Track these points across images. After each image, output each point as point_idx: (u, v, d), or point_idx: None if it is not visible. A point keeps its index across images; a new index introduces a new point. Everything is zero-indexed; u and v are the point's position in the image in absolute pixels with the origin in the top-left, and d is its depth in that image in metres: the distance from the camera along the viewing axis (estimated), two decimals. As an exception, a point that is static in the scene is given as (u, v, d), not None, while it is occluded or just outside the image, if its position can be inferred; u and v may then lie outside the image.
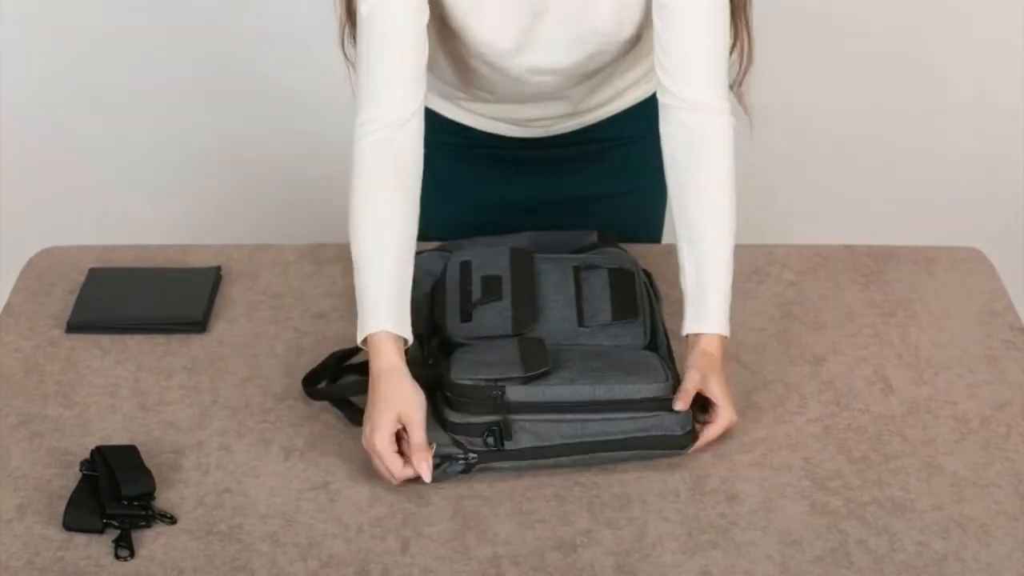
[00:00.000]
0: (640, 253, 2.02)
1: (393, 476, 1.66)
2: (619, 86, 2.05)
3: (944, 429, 1.79)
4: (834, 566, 1.59)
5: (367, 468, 1.71)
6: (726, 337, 1.77)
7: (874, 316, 1.99)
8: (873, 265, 2.10)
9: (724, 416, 1.73)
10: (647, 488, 1.69)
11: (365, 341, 1.71)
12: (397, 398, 1.66)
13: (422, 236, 2.02)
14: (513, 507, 1.66)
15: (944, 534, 1.63)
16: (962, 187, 3.25)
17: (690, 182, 1.81)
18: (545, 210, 2.13)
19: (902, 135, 3.23)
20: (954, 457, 1.75)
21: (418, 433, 1.66)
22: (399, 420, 1.66)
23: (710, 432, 1.73)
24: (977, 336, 1.95)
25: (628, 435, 1.70)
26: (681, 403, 1.70)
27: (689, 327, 1.78)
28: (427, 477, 1.65)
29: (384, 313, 1.71)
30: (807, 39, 3.11)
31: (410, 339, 1.72)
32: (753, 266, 2.08)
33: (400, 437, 1.67)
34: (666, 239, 2.22)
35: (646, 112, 1.99)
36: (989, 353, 1.92)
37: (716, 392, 1.73)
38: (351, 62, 1.89)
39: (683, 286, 1.79)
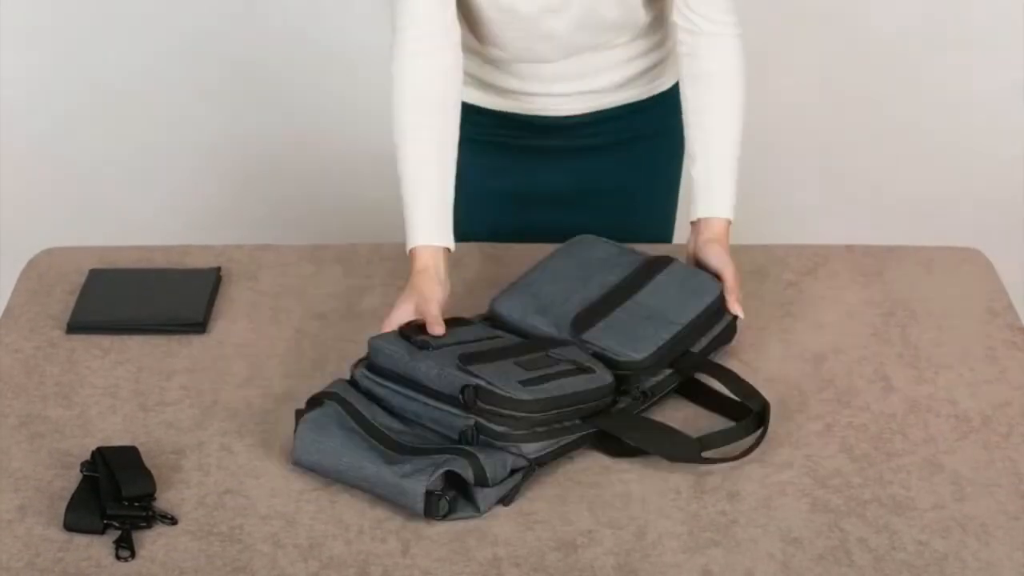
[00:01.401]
0: (647, 252, 2.02)
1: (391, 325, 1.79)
2: (632, 68, 2.05)
3: (945, 428, 1.79)
4: (835, 564, 1.59)
5: (368, 468, 1.71)
6: (731, 221, 1.94)
7: (874, 315, 1.99)
8: (873, 265, 2.10)
9: (730, 275, 1.89)
10: (648, 487, 1.69)
11: (411, 252, 1.86)
12: (421, 290, 1.82)
13: None
14: (513, 508, 1.66)
15: (944, 533, 1.63)
16: (962, 187, 3.26)
17: (708, 83, 1.95)
18: (558, 203, 2.13)
19: (902, 135, 3.24)
20: (955, 456, 1.75)
21: (432, 312, 1.78)
22: (416, 308, 1.80)
23: (735, 291, 1.88)
24: (977, 335, 1.95)
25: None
26: (739, 306, 1.88)
27: (700, 212, 1.93)
28: (440, 330, 1.76)
29: (426, 228, 1.87)
30: (807, 39, 3.12)
31: (452, 246, 1.89)
32: (753, 266, 2.08)
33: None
34: (677, 238, 2.22)
35: (661, 107, 1.99)
36: (990, 352, 1.92)
37: (727, 261, 1.90)
38: None
39: (692, 174, 1.94)
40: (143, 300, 1.99)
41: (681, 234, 2.23)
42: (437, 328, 1.76)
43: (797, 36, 3.09)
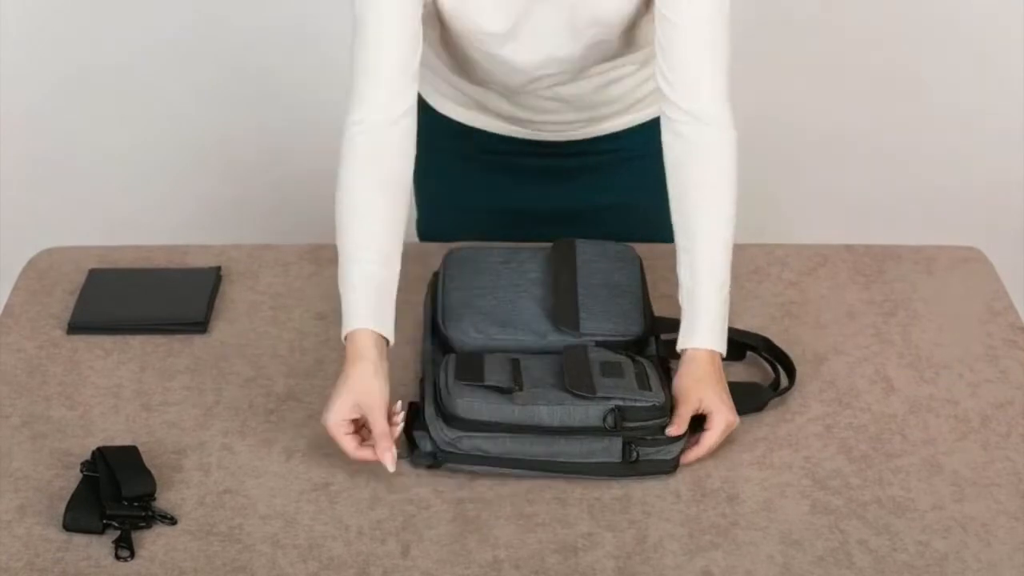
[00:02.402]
0: (643, 252, 2.02)
1: (351, 456, 1.68)
2: (633, 97, 2.05)
3: (945, 428, 1.79)
4: (835, 566, 1.59)
5: (369, 470, 1.71)
6: (719, 353, 1.76)
7: (875, 316, 1.99)
8: (873, 265, 2.10)
9: (719, 421, 1.72)
10: (648, 490, 1.69)
11: (347, 337, 1.72)
12: (359, 386, 1.68)
13: (438, 239, 2.04)
14: (514, 510, 1.66)
15: (945, 534, 1.63)
16: (962, 187, 3.25)
17: (689, 194, 1.80)
18: (556, 220, 2.14)
19: (902, 135, 3.23)
20: (955, 456, 1.75)
21: (379, 422, 1.67)
22: (357, 407, 1.67)
23: (708, 439, 1.72)
24: (978, 336, 1.95)
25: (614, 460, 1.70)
26: (675, 428, 1.70)
27: (682, 343, 1.77)
28: (391, 467, 1.66)
29: (364, 312, 1.72)
30: (807, 39, 3.11)
31: (391, 339, 1.73)
32: (753, 266, 2.08)
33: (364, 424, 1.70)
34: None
35: (654, 131, 1.98)
36: (990, 352, 1.92)
37: (710, 402, 1.72)
38: None
39: (680, 300, 1.79)
40: (143, 300, 1.99)
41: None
42: (388, 455, 1.65)
43: (797, 36, 3.09)
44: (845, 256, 2.12)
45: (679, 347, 1.78)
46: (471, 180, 2.13)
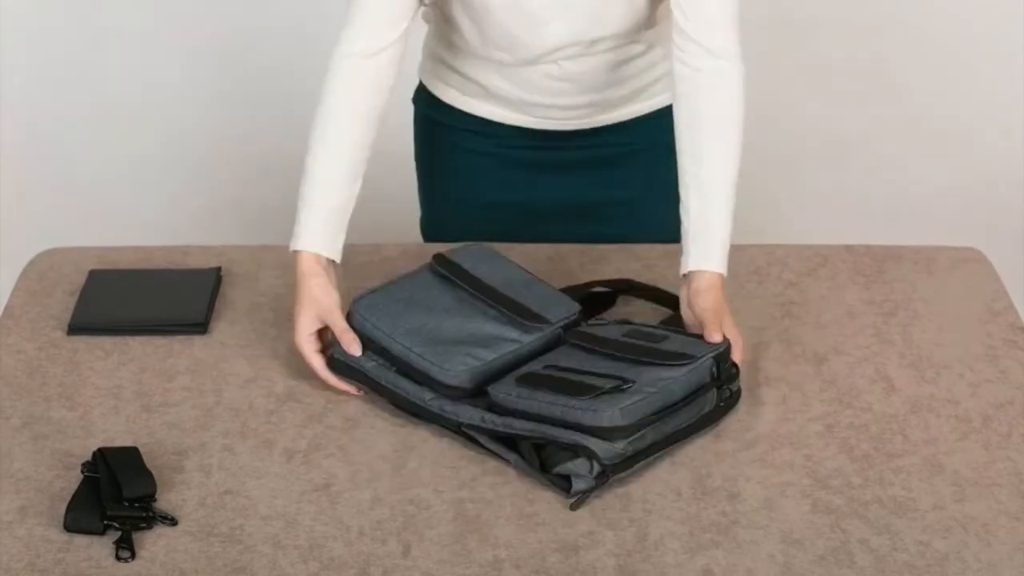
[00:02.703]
0: (644, 252, 2.02)
1: (316, 375, 1.82)
2: (641, 81, 2.05)
3: (946, 428, 1.79)
4: (836, 566, 1.59)
5: (369, 470, 1.71)
6: (724, 276, 1.84)
7: (875, 316, 1.99)
8: (873, 265, 2.10)
9: (739, 346, 1.81)
10: (648, 488, 1.69)
11: (296, 253, 1.86)
12: (314, 299, 1.83)
13: (441, 238, 2.04)
14: (514, 510, 1.66)
15: (946, 534, 1.63)
16: (962, 187, 3.26)
17: (701, 123, 1.88)
18: (567, 215, 2.14)
19: (902, 135, 3.24)
20: (956, 456, 1.75)
21: (338, 322, 1.83)
22: (318, 319, 1.83)
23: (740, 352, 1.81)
24: (978, 336, 1.95)
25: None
26: (719, 334, 1.77)
27: (694, 264, 1.83)
28: (357, 351, 1.81)
29: (317, 232, 1.86)
30: (807, 39, 3.12)
31: (338, 260, 1.88)
32: (753, 266, 2.08)
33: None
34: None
35: (667, 120, 1.99)
36: (990, 352, 1.92)
37: (728, 326, 1.80)
38: None
39: (684, 224, 1.86)
40: (144, 301, 1.99)
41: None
42: (353, 345, 1.81)
43: (797, 36, 3.09)
44: (845, 256, 2.12)
45: (690, 268, 1.83)
46: (477, 176, 2.13)
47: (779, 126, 3.16)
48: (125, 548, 1.59)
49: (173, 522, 1.64)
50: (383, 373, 1.80)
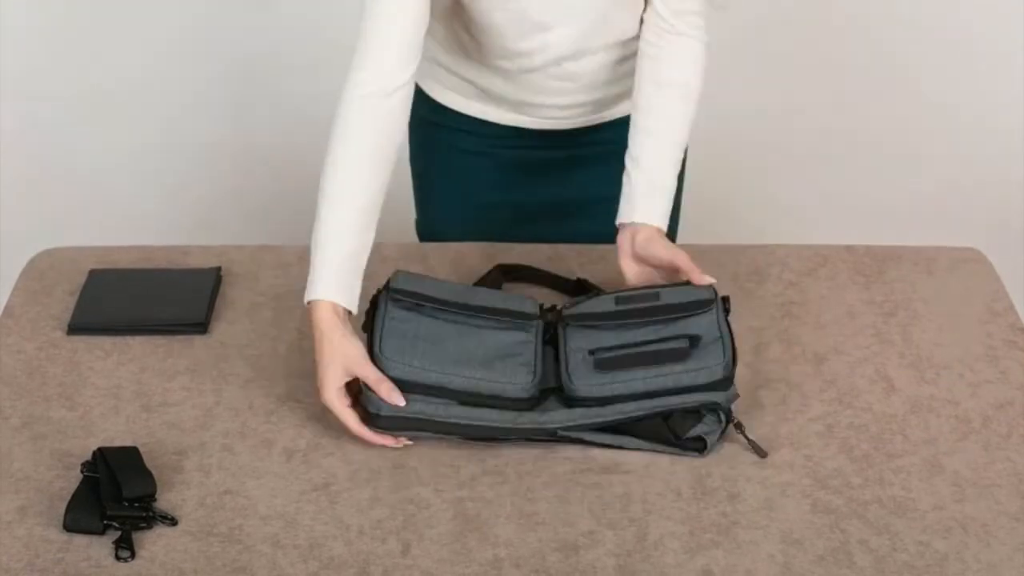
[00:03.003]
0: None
1: (351, 431, 1.73)
2: (631, 82, 2.05)
3: (946, 428, 1.79)
4: (835, 566, 1.59)
5: (368, 470, 1.71)
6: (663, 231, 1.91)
7: (875, 316, 1.99)
8: (873, 265, 2.10)
9: (683, 257, 1.86)
10: (648, 488, 1.69)
11: (309, 304, 1.77)
12: (339, 352, 1.74)
13: (439, 237, 2.03)
14: (514, 509, 1.66)
15: (945, 534, 1.63)
16: (962, 187, 3.26)
17: (661, 87, 1.92)
18: (561, 213, 2.14)
19: (902, 135, 3.24)
20: (955, 457, 1.74)
21: (370, 372, 1.73)
22: (346, 371, 1.74)
23: (694, 268, 1.85)
24: (978, 336, 1.95)
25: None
26: (708, 276, 1.83)
27: (640, 217, 1.90)
28: (401, 402, 1.72)
29: (333, 281, 1.77)
30: (807, 39, 3.12)
31: (354, 311, 1.78)
32: (753, 266, 2.08)
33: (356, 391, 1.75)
34: (681, 238, 2.22)
35: None
36: (990, 353, 1.92)
37: (685, 264, 1.86)
38: None
39: (633, 177, 1.91)
40: (144, 300, 1.99)
41: (684, 235, 2.23)
42: (395, 395, 1.72)
43: (797, 37, 3.09)
44: (845, 256, 2.12)
45: (636, 219, 1.90)
46: (471, 176, 2.13)
47: (779, 126, 3.17)
48: (125, 548, 1.60)
49: (173, 522, 1.64)
50: (445, 410, 1.74)
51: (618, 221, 1.92)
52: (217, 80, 3.17)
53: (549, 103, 2.04)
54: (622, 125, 2.08)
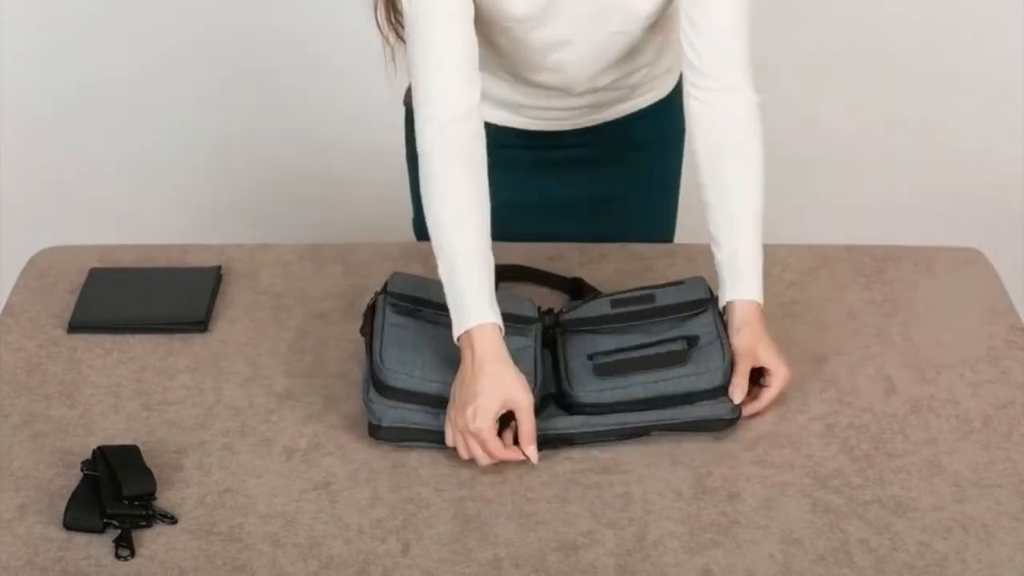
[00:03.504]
0: (643, 252, 2.01)
1: (489, 456, 1.69)
2: (635, 81, 2.05)
3: (946, 428, 1.79)
4: (835, 565, 1.59)
5: (369, 469, 1.71)
6: (761, 304, 1.81)
7: (876, 316, 1.99)
8: (874, 265, 2.10)
9: (779, 376, 1.78)
10: (648, 488, 1.69)
11: (464, 334, 1.70)
12: (505, 386, 1.68)
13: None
14: (514, 508, 1.66)
15: (946, 534, 1.63)
16: (962, 187, 3.26)
17: (723, 156, 1.83)
18: (565, 214, 2.14)
19: (902, 135, 3.24)
20: (956, 456, 1.74)
21: (527, 421, 1.69)
22: (505, 406, 1.68)
23: (768, 395, 1.78)
24: (979, 336, 1.95)
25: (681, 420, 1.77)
26: (739, 393, 1.76)
27: (729, 295, 1.81)
28: (535, 459, 1.70)
29: (487, 304, 1.72)
30: (808, 39, 3.11)
31: (503, 329, 1.73)
32: (754, 266, 2.08)
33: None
34: (678, 238, 2.22)
35: (662, 114, 1.98)
36: (991, 353, 1.92)
37: (766, 358, 1.78)
38: (384, 33, 1.92)
39: (717, 258, 1.83)
40: (144, 299, 1.99)
41: (681, 235, 2.23)
42: (532, 448, 1.69)
43: (797, 36, 3.09)
44: (845, 256, 2.12)
45: (727, 299, 1.82)
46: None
47: (779, 126, 3.14)
48: (124, 546, 1.60)
49: (173, 520, 1.64)
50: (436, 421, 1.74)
51: (720, 305, 1.85)
52: (218, 80, 3.17)
53: (548, 105, 2.04)
54: (618, 126, 2.09)
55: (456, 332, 1.72)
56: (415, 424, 1.73)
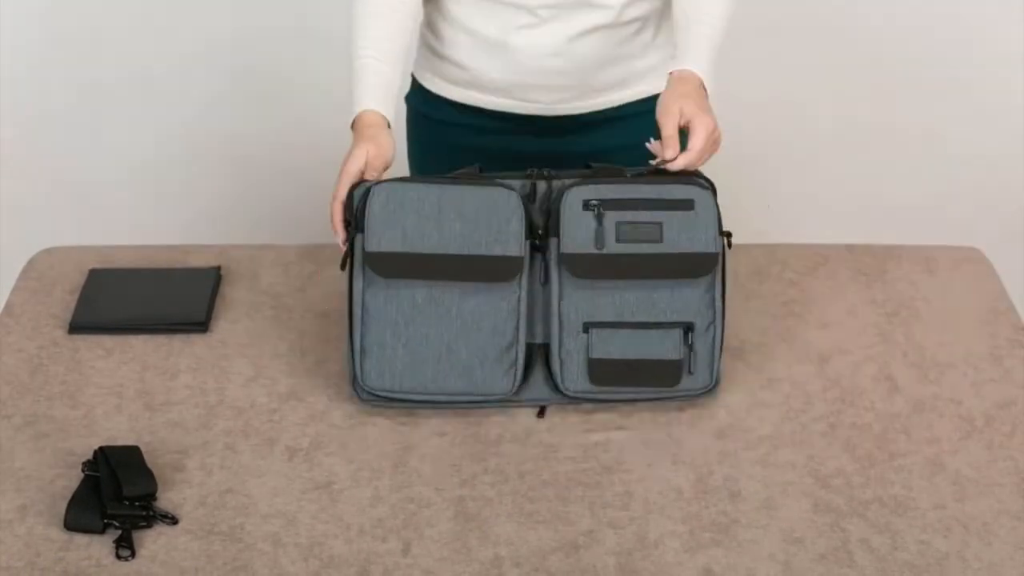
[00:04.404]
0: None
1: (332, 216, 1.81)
2: (628, 68, 2.05)
3: (949, 427, 1.79)
4: (836, 565, 1.59)
5: (370, 469, 1.71)
6: (702, 80, 1.84)
7: (877, 315, 1.99)
8: (874, 265, 2.10)
9: (699, 124, 1.78)
10: (649, 487, 1.69)
11: (357, 118, 1.85)
12: (376, 140, 1.82)
13: None
14: (515, 508, 1.66)
15: (946, 533, 1.63)
16: (962, 187, 3.26)
17: None
18: None
19: (902, 135, 3.24)
20: (958, 456, 1.74)
21: (379, 166, 1.81)
22: (369, 160, 1.81)
23: (694, 143, 1.78)
24: (981, 336, 1.95)
25: None
26: (671, 151, 1.77)
27: (672, 65, 1.86)
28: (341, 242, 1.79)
29: (372, 97, 1.86)
30: (808, 38, 3.11)
31: (392, 121, 1.87)
32: (754, 266, 2.08)
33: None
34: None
35: (652, 117, 1.97)
36: (993, 352, 1.92)
37: (690, 111, 1.79)
38: None
39: (675, 31, 1.89)
40: (144, 300, 1.99)
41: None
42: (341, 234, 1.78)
43: (797, 36, 3.09)
44: (846, 256, 2.12)
45: (669, 70, 1.86)
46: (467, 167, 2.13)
47: (780, 126, 3.16)
48: (125, 547, 1.59)
49: (173, 521, 1.64)
50: (433, 400, 1.81)
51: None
52: (218, 80, 3.17)
53: (537, 84, 2.04)
54: (615, 122, 2.08)
55: (351, 119, 1.86)
56: (406, 396, 1.78)
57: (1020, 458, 1.74)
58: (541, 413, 1.81)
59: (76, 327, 1.95)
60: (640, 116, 2.10)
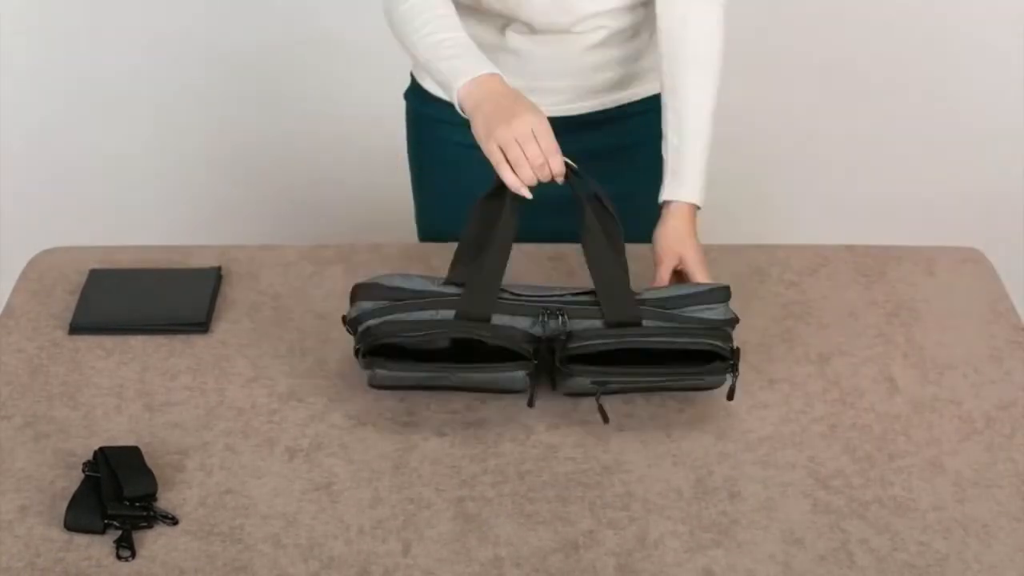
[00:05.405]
0: (643, 253, 2.01)
1: (543, 151, 1.74)
2: (627, 70, 2.05)
3: (949, 429, 1.79)
4: (836, 565, 1.59)
5: (370, 469, 1.71)
6: (698, 207, 1.91)
7: (877, 316, 1.99)
8: (875, 265, 2.10)
9: (699, 272, 1.87)
10: (649, 487, 1.69)
11: (471, 84, 1.78)
12: (530, 108, 1.75)
13: (438, 235, 2.03)
14: (515, 508, 1.66)
15: (946, 534, 1.63)
16: (962, 187, 3.26)
17: (682, 61, 1.91)
18: (556, 209, 2.13)
19: (902, 135, 3.24)
20: (958, 457, 1.74)
21: (550, 137, 1.75)
22: (535, 130, 1.75)
23: (697, 274, 1.88)
24: (982, 336, 1.95)
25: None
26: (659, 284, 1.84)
27: (666, 194, 1.90)
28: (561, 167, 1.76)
29: (477, 62, 1.80)
30: (808, 39, 3.12)
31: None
32: (754, 267, 2.08)
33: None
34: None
35: (653, 116, 1.98)
36: (994, 353, 1.92)
37: (691, 262, 1.86)
38: None
39: (664, 155, 1.92)
40: (144, 300, 1.99)
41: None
42: (557, 160, 1.74)
43: (797, 36, 3.09)
44: (846, 256, 2.12)
45: (663, 198, 1.90)
46: (465, 171, 2.12)
47: (779, 126, 3.17)
48: (125, 547, 1.59)
49: (174, 521, 1.64)
50: (444, 380, 1.80)
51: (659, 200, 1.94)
52: (219, 80, 3.17)
53: (535, 87, 2.04)
54: (617, 121, 2.08)
55: (457, 88, 1.78)
56: (412, 378, 1.78)
57: (1020, 459, 1.74)
58: (531, 403, 1.78)
59: (76, 327, 1.95)
60: (640, 116, 2.10)
